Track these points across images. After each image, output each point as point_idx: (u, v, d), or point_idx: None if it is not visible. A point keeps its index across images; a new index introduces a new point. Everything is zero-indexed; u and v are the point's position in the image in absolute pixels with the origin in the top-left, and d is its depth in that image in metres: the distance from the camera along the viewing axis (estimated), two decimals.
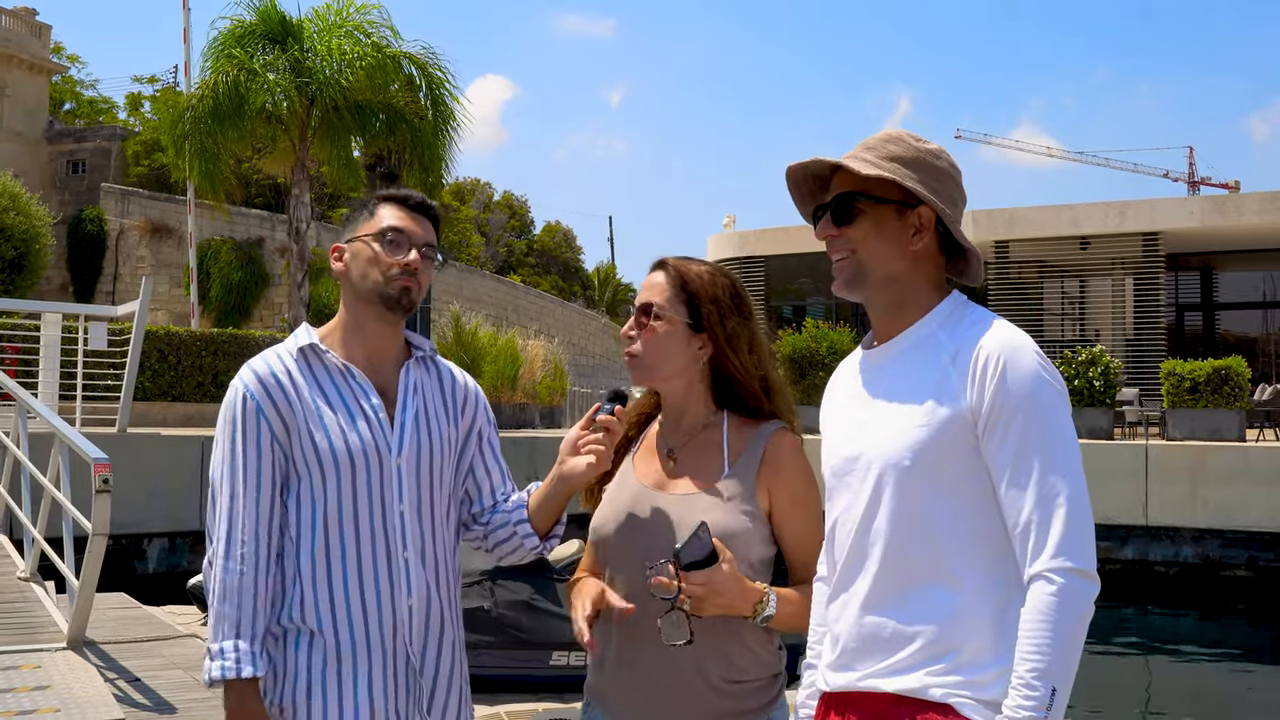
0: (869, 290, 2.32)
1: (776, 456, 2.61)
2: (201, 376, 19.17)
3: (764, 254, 30.90)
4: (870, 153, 2.30)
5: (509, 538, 2.79)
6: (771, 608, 2.49)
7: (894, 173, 2.26)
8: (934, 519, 2.17)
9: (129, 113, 59.07)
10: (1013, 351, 2.14)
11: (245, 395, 2.66)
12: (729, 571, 2.44)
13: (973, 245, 2.32)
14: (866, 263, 2.29)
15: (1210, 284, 30.12)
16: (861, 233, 2.29)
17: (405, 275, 2.70)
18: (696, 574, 2.41)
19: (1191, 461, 17.44)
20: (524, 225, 73.04)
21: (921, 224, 2.28)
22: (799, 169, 2.40)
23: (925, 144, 2.32)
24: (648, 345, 2.67)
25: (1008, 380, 2.12)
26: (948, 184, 2.30)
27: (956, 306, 2.29)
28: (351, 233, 2.76)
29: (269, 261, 38.88)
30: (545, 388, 25.78)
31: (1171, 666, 14.74)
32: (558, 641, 9.07)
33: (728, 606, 2.45)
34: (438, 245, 2.80)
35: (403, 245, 2.71)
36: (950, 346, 2.21)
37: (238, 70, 21.86)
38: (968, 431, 2.15)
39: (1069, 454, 2.11)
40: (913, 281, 2.30)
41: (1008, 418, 2.11)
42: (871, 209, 2.28)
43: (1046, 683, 2.01)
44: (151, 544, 14.90)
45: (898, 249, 2.28)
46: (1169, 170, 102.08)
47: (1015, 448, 2.11)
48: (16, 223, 30.74)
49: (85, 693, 6.17)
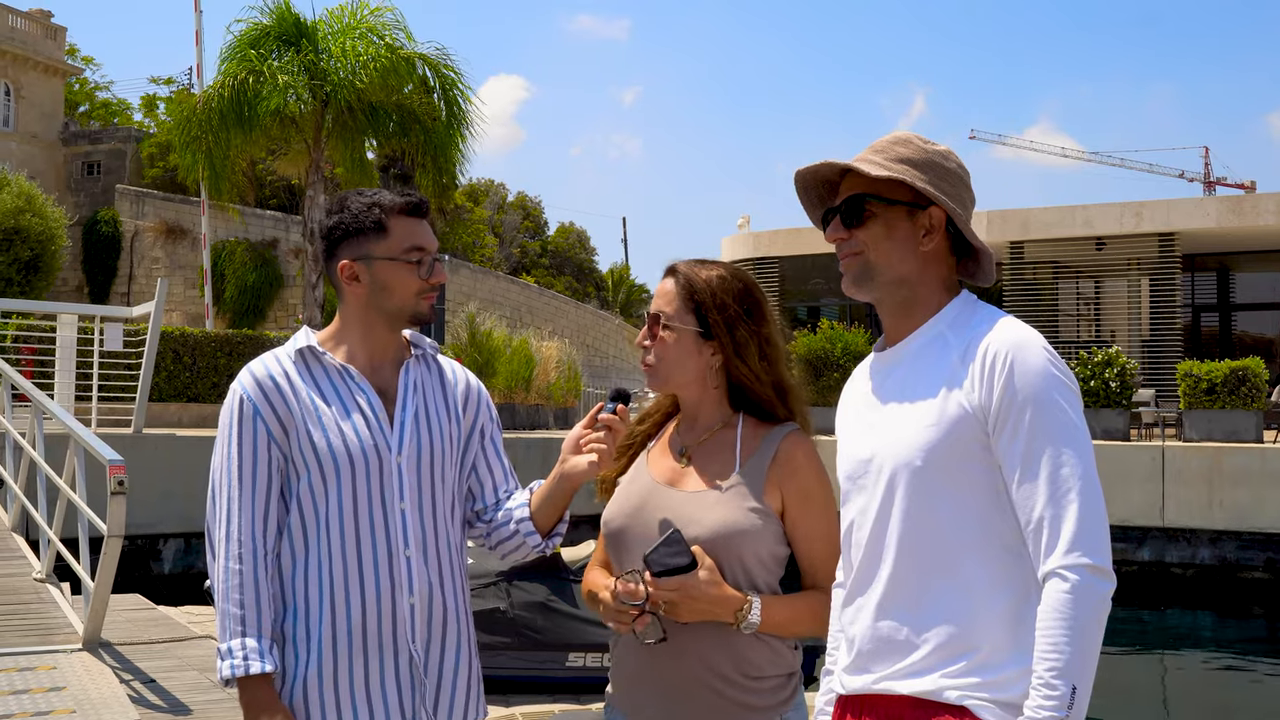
0: (878, 290, 2.32)
1: (789, 457, 2.61)
2: (216, 377, 19.19)
3: (778, 255, 30.87)
4: (879, 155, 2.30)
5: (511, 535, 2.79)
6: (755, 615, 2.49)
7: (904, 174, 2.26)
8: (947, 519, 2.17)
9: (144, 114, 59.31)
10: (1020, 348, 2.14)
11: (243, 398, 2.67)
12: (706, 578, 2.46)
13: (984, 245, 2.32)
14: (876, 263, 2.30)
15: (1227, 284, 29.98)
16: (872, 235, 2.29)
17: (431, 292, 2.73)
18: (669, 580, 2.44)
19: (1208, 463, 17.36)
20: (538, 226, 73.09)
21: (932, 225, 2.28)
22: (808, 173, 2.40)
23: (934, 145, 2.33)
24: (660, 354, 2.67)
25: (1015, 376, 2.11)
26: (957, 185, 2.30)
27: (965, 306, 2.30)
28: (362, 248, 2.72)
29: (284, 263, 38.96)
30: (559, 389, 25.77)
31: (1188, 669, 14.69)
32: (574, 643, 9.08)
33: (705, 612, 2.47)
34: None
35: (425, 263, 2.72)
36: (958, 346, 2.21)
37: (246, 73, 21.91)
38: (978, 430, 2.15)
39: (1080, 449, 2.10)
40: (922, 282, 2.30)
41: (1017, 414, 2.11)
42: (882, 211, 2.29)
43: (1066, 681, 2.00)
44: (167, 545, 14.93)
45: (908, 250, 2.29)
46: (1185, 170, 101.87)
47: (1026, 444, 2.10)
48: (32, 224, 30.89)
49: (100, 694, 6.18)
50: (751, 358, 2.65)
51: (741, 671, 2.53)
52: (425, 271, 2.71)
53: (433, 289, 2.72)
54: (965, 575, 2.16)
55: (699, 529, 2.52)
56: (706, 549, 2.50)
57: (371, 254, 2.71)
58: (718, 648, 2.51)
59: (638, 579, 2.45)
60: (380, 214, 2.72)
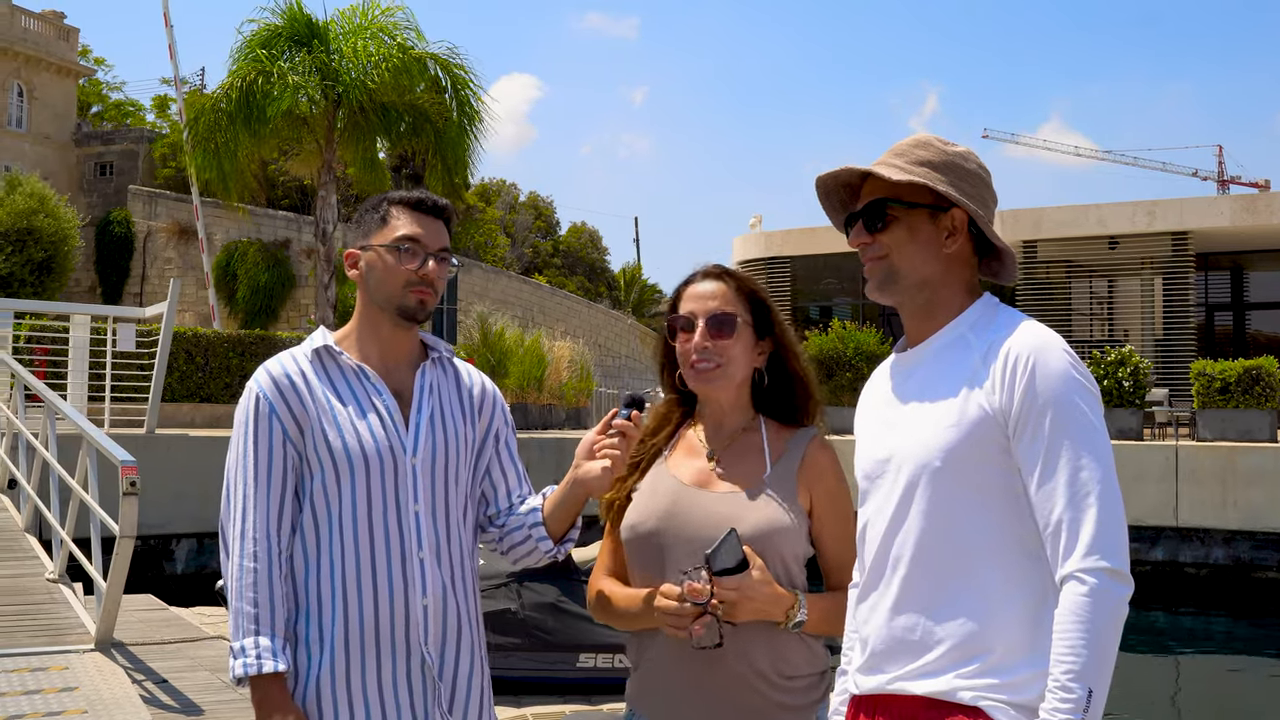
0: (902, 294, 2.33)
1: (815, 460, 2.65)
2: (229, 378, 19.22)
3: (790, 254, 30.87)
4: (900, 159, 2.31)
5: (524, 540, 2.78)
6: (803, 613, 2.52)
7: (925, 177, 2.26)
8: (964, 520, 2.17)
9: (156, 115, 59.42)
10: (1041, 351, 2.14)
11: (259, 396, 2.67)
12: (760, 577, 2.47)
13: (1007, 245, 2.33)
14: (900, 267, 2.30)
15: (1240, 283, 29.90)
16: (895, 238, 2.30)
17: (421, 286, 2.70)
18: (729, 579, 2.44)
19: (1222, 462, 17.31)
20: (550, 226, 73.11)
21: (955, 227, 2.29)
22: (829, 179, 2.40)
23: (953, 147, 2.33)
24: (729, 355, 2.67)
25: (1036, 380, 2.11)
26: (979, 186, 2.31)
27: (987, 309, 2.30)
28: (365, 239, 2.75)
29: (296, 263, 39.01)
30: (571, 389, 25.80)
31: (1202, 669, 14.64)
32: (585, 643, 9.07)
33: (760, 611, 2.48)
34: (451, 246, 2.79)
35: (417, 254, 2.70)
36: (980, 348, 2.22)
37: (255, 73, 21.93)
38: (998, 432, 2.15)
39: (1100, 453, 2.10)
40: (945, 284, 2.30)
41: (1037, 417, 2.11)
42: (904, 214, 2.29)
43: (1083, 684, 2.00)
44: (179, 545, 14.97)
45: (931, 252, 2.29)
46: (1198, 169, 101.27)
47: (1045, 447, 2.10)
48: (45, 225, 31.00)
49: (112, 694, 6.18)
50: (801, 356, 2.73)
51: (779, 671, 2.55)
52: (415, 263, 2.69)
53: (422, 282, 2.70)
54: (981, 576, 2.15)
55: (742, 528, 2.53)
56: (750, 548, 2.51)
57: (369, 243, 2.74)
58: (760, 647, 2.53)
59: (701, 577, 2.42)
60: (387, 205, 2.75)
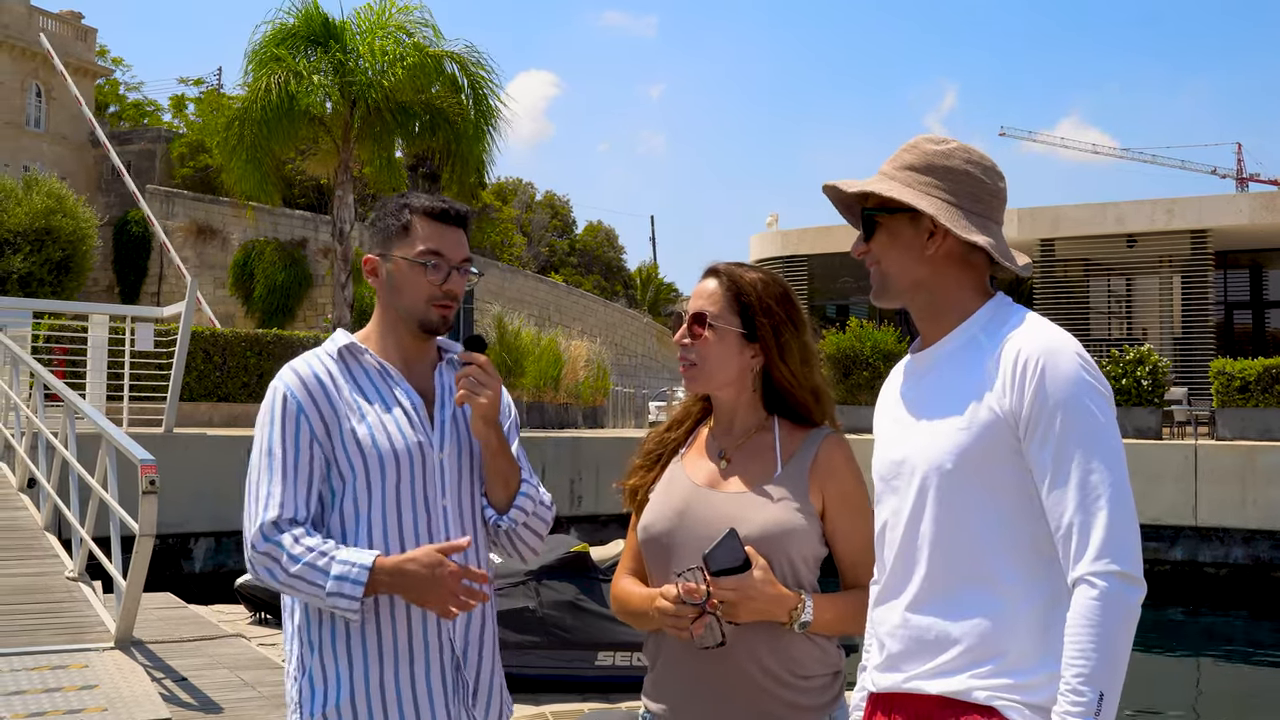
0: (897, 298, 2.36)
1: (829, 459, 2.62)
2: (247, 377, 19.27)
3: (807, 253, 30.82)
4: (889, 165, 2.34)
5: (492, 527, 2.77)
6: (808, 614, 2.50)
7: (906, 181, 2.29)
8: (977, 522, 2.18)
9: (173, 114, 59.57)
10: (1052, 353, 2.14)
11: (286, 395, 2.64)
12: (761, 578, 2.46)
13: (987, 240, 2.26)
14: (889, 272, 2.33)
15: (1260, 282, 29.75)
16: (881, 245, 2.33)
17: (444, 300, 2.70)
18: (727, 580, 2.44)
19: (1241, 461, 17.24)
20: (566, 225, 73.09)
21: (935, 228, 2.28)
22: (832, 197, 2.44)
23: (941, 146, 2.33)
24: (703, 355, 2.65)
25: (1047, 382, 2.11)
26: (965, 183, 2.30)
27: (999, 310, 2.30)
28: (385, 246, 2.73)
29: (312, 262, 39.06)
30: (588, 388, 25.79)
31: (1221, 668, 14.59)
32: (603, 641, 9.05)
33: (762, 612, 2.47)
34: (470, 253, 2.77)
35: (441, 269, 2.69)
36: (992, 349, 2.22)
37: (287, 74, 21.94)
38: (1009, 434, 2.15)
39: (1111, 456, 2.10)
40: (941, 286, 2.31)
41: (1048, 420, 2.11)
42: (887, 221, 2.32)
43: (1094, 688, 2.00)
44: (198, 543, 15.02)
45: (914, 255, 2.30)
46: (1217, 167, 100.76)
47: (1056, 450, 2.10)
48: (63, 225, 31.05)
49: (132, 692, 6.21)
50: (794, 361, 2.66)
51: (790, 671, 2.54)
52: (439, 278, 2.68)
53: (445, 296, 2.69)
54: (996, 578, 2.16)
55: (748, 528, 2.52)
56: (756, 549, 2.50)
57: (390, 252, 2.72)
58: (768, 647, 2.52)
59: (698, 578, 2.43)
60: (409, 214, 2.71)
